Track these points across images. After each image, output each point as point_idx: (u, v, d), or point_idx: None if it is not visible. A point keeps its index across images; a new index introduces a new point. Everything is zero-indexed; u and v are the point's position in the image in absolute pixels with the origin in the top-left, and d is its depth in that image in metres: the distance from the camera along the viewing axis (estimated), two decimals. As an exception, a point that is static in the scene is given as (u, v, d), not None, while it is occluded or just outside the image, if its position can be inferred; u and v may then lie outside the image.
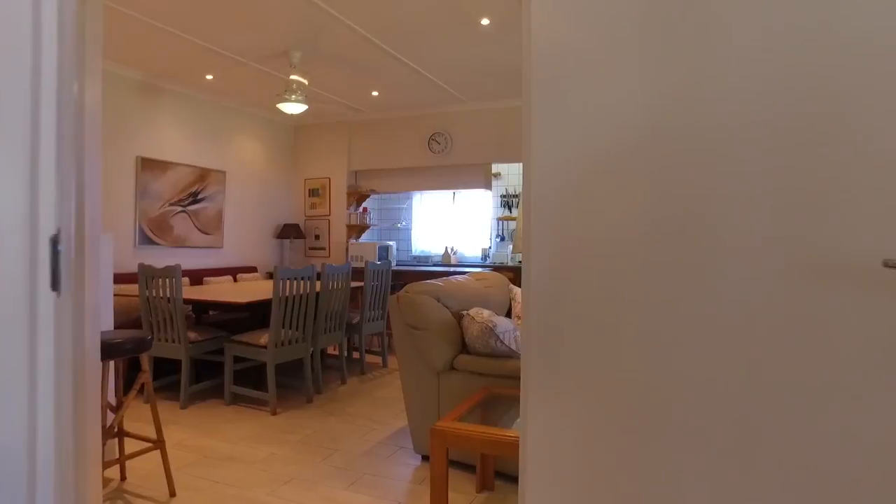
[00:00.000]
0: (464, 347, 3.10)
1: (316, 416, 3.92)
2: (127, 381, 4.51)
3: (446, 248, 7.43)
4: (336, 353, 5.61)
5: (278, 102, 4.62)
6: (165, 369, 4.66)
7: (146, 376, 2.69)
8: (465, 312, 3.15)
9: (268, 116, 6.88)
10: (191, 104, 5.81)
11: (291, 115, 6.81)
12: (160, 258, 5.44)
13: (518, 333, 3.02)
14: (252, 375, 4.71)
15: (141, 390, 4.21)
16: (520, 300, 4.00)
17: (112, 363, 2.83)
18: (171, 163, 5.54)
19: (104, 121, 5.24)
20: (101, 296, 2.75)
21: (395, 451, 3.34)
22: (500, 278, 4.18)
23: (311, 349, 4.38)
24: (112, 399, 2.86)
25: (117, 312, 4.65)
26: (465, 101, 6.30)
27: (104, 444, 2.52)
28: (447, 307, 3.21)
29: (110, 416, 2.79)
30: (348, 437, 3.55)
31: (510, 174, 7.28)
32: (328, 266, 4.39)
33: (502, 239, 7.32)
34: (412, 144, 6.73)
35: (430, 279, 6.34)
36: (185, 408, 4.07)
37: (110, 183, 5.03)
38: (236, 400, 4.24)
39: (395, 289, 6.00)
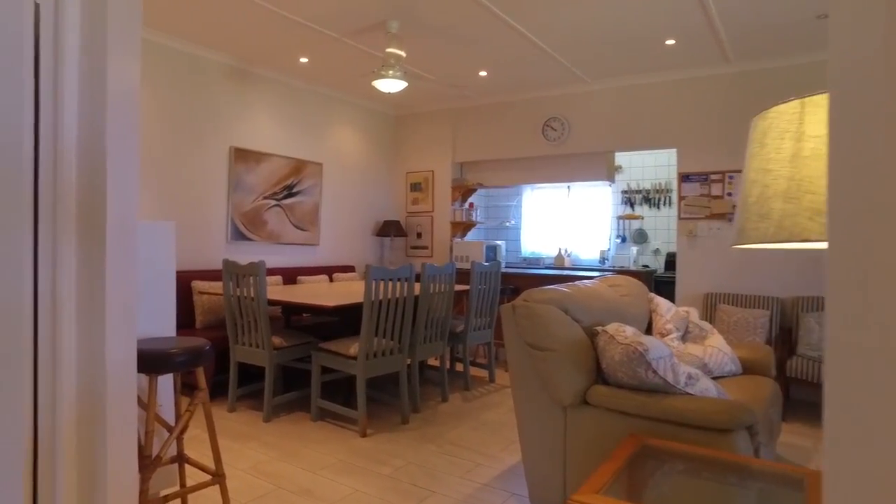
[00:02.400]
0: (599, 375, 2.35)
1: (411, 443, 3.32)
2: (214, 386, 4.20)
3: (559, 249, 6.64)
4: (436, 364, 5.01)
5: (374, 80, 4.09)
6: (253, 373, 4.28)
7: (203, 396, 2.19)
8: (600, 329, 2.39)
9: (367, 105, 6.44)
10: (285, 91, 5.47)
11: (390, 98, 6.33)
12: (253, 254, 5.12)
13: (675, 360, 2.22)
14: (343, 387, 4.22)
15: (218, 395, 3.86)
16: (664, 313, 3.16)
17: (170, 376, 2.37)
18: (266, 153, 5.21)
19: (195, 109, 5.05)
20: (156, 296, 2.35)
21: (507, 499, 2.65)
22: (637, 285, 3.36)
23: (408, 361, 3.79)
24: (172, 420, 2.40)
25: (206, 311, 4.34)
26: (586, 80, 5.48)
27: (149, 474, 2.04)
28: (577, 320, 2.47)
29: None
30: (448, 474, 2.90)
31: (632, 167, 6.35)
32: (428, 266, 3.79)
33: (623, 240, 6.41)
34: (524, 132, 6.01)
35: (545, 283, 5.61)
36: (269, 420, 3.63)
37: (202, 174, 4.76)
38: (323, 415, 3.74)
39: (503, 293, 5.33)
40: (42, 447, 1.61)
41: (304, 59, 4.95)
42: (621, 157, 6.17)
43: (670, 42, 4.38)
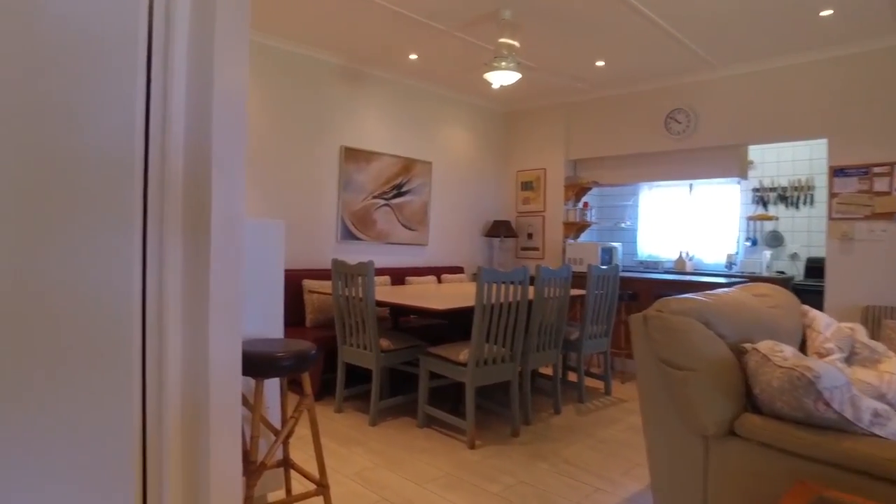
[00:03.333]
0: (748, 401, 2.00)
1: (522, 459, 3.09)
2: (322, 385, 4.21)
3: (681, 252, 6.10)
4: (548, 373, 4.74)
5: (486, 72, 3.90)
6: (360, 373, 4.25)
7: (309, 402, 2.10)
8: (750, 347, 2.03)
9: (476, 102, 6.28)
10: (395, 90, 5.43)
11: (500, 95, 6.11)
12: (361, 254, 5.13)
13: (856, 392, 1.81)
14: (451, 394, 4.06)
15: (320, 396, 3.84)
16: (822, 330, 2.69)
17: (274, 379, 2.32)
18: (375, 152, 5.20)
19: (307, 109, 5.12)
20: (265, 295, 2.31)
21: (632, 534, 2.35)
22: (786, 295, 2.91)
23: (520, 369, 3.56)
24: (279, 421, 2.34)
25: (316, 310, 4.36)
26: (717, 66, 4.96)
27: (255, 480, 1.97)
28: (721, 336, 2.13)
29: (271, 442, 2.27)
30: (564, 498, 2.64)
31: (765, 162, 5.68)
32: (543, 269, 3.54)
33: (754, 243, 5.76)
34: (645, 125, 5.57)
35: (666, 289, 5.15)
36: (375, 424, 3.55)
37: (313, 174, 4.82)
38: (430, 422, 3.60)
39: (621, 299, 4.94)
40: (150, 451, 1.56)
41: (413, 56, 4.87)
42: (753, 152, 5.54)
43: (826, 13, 3.80)
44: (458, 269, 5.85)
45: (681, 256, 6.04)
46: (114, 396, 1.47)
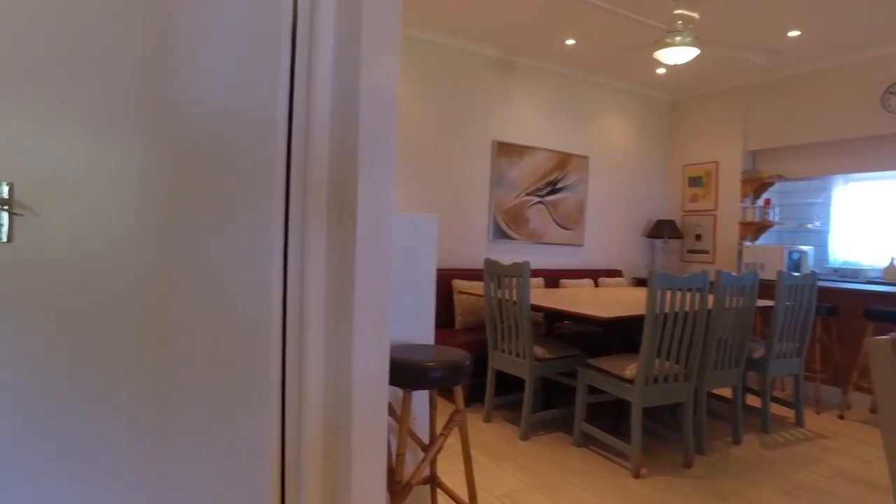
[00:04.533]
0: None
1: (697, 496, 2.63)
2: (471, 390, 4.03)
3: (892, 259, 5.07)
4: (726, 396, 4.14)
5: (657, 50, 3.45)
6: (510, 381, 4.00)
7: (461, 418, 1.88)
8: None
9: (638, 91, 5.74)
10: (549, 79, 5.10)
11: (665, 82, 5.48)
12: (513, 254, 4.88)
13: None
14: (611, 410, 3.67)
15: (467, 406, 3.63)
16: None
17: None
18: (529, 147, 4.92)
19: (458, 103, 4.95)
20: (416, 295, 2.14)
21: None
22: None
23: (694, 390, 3.08)
24: (426, 435, 2.16)
25: (466, 312, 4.19)
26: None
27: (400, 501, 1.80)
28: None
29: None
30: (760, 556, 2.16)
31: None
32: (724, 275, 3.03)
33: None
34: (850, 105, 4.68)
35: (874, 302, 4.26)
36: (526, 438, 3.27)
37: (464, 169, 4.66)
38: (587, 441, 3.25)
39: (818, 313, 4.18)
40: (289, 465, 1.43)
41: (570, 41, 4.52)
42: None
43: None
44: (615, 273, 5.38)
45: (892, 264, 5.02)
46: (251, 405, 1.36)
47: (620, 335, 3.55)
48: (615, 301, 3.57)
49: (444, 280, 4.28)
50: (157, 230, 1.41)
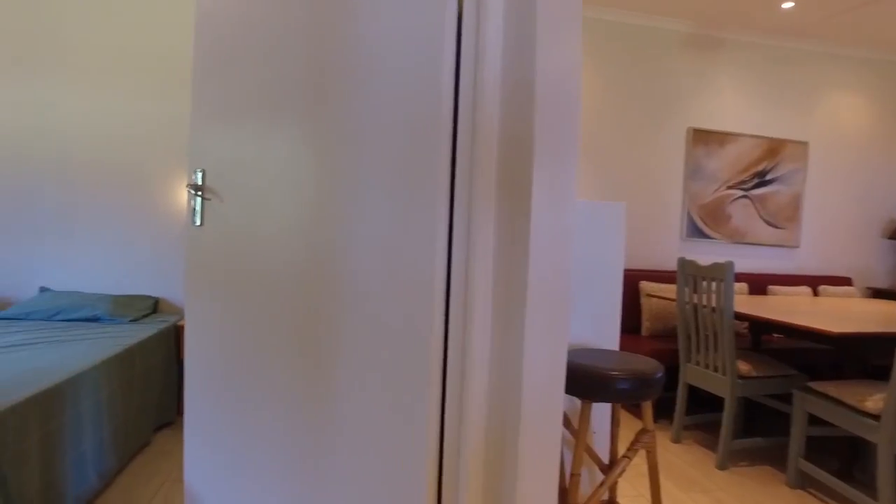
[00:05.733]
0: None
1: (980, 579, 1.98)
2: (657, 404, 3.60)
3: None
4: None
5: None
6: (702, 396, 3.51)
7: (650, 440, 1.58)
8: None
9: (878, 58, 4.73)
10: (758, 54, 4.40)
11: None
12: (710, 254, 4.30)
13: None
14: (840, 448, 3.01)
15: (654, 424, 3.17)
16: None
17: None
18: (731, 133, 4.29)
19: (646, 87, 4.46)
20: (599, 294, 1.87)
21: None
22: None
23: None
24: (606, 452, 1.89)
25: (654, 317, 3.77)
26: None
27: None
28: None
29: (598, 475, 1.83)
30: None
31: None
32: None
33: None
34: None
35: None
36: (724, 469, 2.80)
37: (655, 160, 4.20)
38: (806, 482, 2.68)
39: None
40: (447, 479, 1.28)
41: (787, 5, 3.84)
42: None
43: None
44: (843, 280, 4.50)
45: None
46: (408, 408, 1.22)
47: (855, 356, 2.89)
48: (846, 314, 2.92)
49: (630, 281, 3.90)
50: (320, 219, 1.35)
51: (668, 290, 3.74)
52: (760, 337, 3.54)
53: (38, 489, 1.69)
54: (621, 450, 2.81)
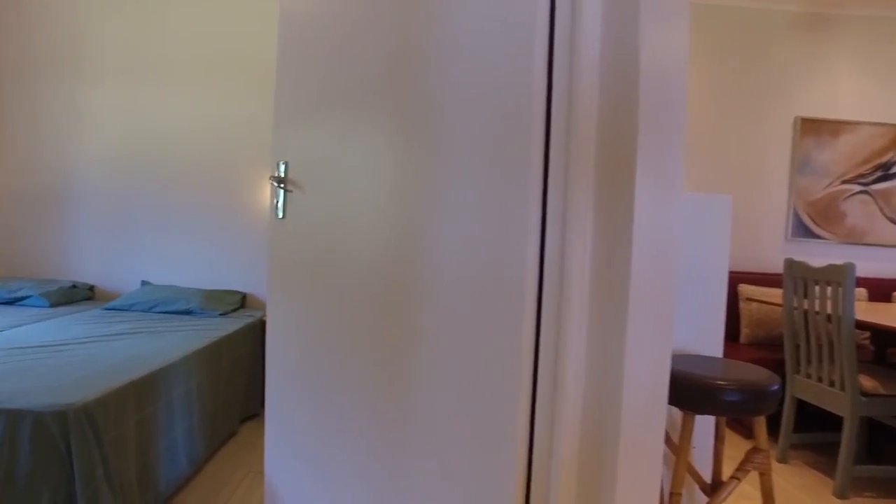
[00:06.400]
0: None
1: None
2: (773, 423, 3.31)
3: None
4: None
5: None
6: (811, 413, 3.19)
7: (763, 461, 1.41)
8: None
9: None
10: (878, 30, 3.95)
11: None
12: (821, 256, 3.91)
13: None
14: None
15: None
16: None
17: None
18: (846, 122, 3.89)
19: (749, 74, 4.10)
20: (700, 296, 1.71)
21: None
22: None
23: None
24: (708, 471, 1.72)
25: (754, 324, 3.48)
26: None
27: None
28: None
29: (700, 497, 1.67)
30: None
31: None
32: None
33: None
34: None
35: None
36: (844, 497, 2.51)
37: (756, 153, 3.88)
38: (944, 517, 2.35)
39: None
40: (536, 486, 1.18)
41: (922, -21, 3.42)
42: None
43: None
44: (980, 287, 3.97)
45: None
46: (493, 420, 1.13)
47: None
48: None
49: (729, 284, 3.62)
50: (402, 212, 1.29)
51: (771, 294, 3.44)
52: (886, 350, 3.17)
53: (135, 471, 1.74)
54: (726, 469, 2.59)
